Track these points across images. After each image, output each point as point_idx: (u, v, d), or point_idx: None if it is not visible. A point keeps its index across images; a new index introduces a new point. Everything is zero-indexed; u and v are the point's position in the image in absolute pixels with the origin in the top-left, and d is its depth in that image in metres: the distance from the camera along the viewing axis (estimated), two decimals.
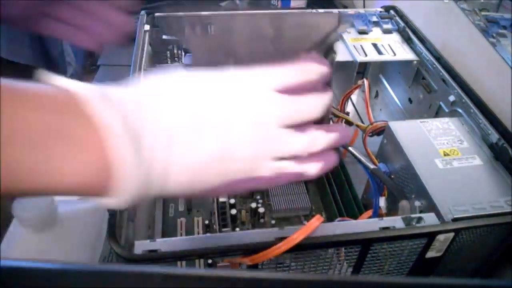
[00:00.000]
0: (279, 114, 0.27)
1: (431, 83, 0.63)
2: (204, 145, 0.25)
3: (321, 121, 0.29)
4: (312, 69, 0.28)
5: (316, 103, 0.28)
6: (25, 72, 0.90)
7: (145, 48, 0.64)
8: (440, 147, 0.51)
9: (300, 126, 0.28)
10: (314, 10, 0.69)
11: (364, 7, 1.01)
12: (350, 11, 0.73)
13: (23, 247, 0.43)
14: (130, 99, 0.24)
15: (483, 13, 0.64)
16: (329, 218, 0.63)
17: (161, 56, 0.70)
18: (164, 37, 0.68)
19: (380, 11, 0.74)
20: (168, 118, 0.24)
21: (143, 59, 0.61)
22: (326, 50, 0.37)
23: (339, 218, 0.58)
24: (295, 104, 0.27)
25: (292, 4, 1.13)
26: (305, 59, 0.28)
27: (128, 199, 0.24)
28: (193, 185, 0.26)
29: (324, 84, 0.30)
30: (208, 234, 0.59)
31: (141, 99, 0.24)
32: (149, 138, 0.23)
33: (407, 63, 0.66)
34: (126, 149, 0.22)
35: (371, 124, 0.59)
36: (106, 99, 0.23)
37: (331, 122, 0.68)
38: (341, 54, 0.64)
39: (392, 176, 0.54)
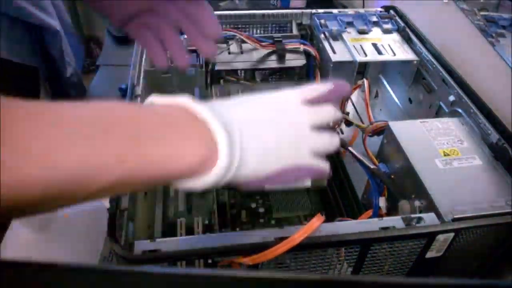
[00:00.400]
0: (307, 120, 0.35)
1: (431, 83, 0.63)
2: (264, 136, 0.33)
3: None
4: (326, 87, 0.36)
5: (330, 111, 0.37)
6: (25, 72, 0.90)
7: (145, 49, 0.64)
8: (440, 147, 0.51)
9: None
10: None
11: (363, 7, 1.01)
12: (349, 11, 0.73)
13: (23, 247, 0.43)
14: (219, 106, 0.32)
15: (482, 13, 0.64)
16: (329, 218, 0.63)
17: None
18: None
19: (380, 11, 0.74)
20: (240, 117, 0.32)
21: (143, 59, 0.61)
22: None
23: (339, 218, 0.58)
24: (317, 112, 0.36)
25: (292, 4, 1.13)
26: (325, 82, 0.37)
27: (214, 180, 0.30)
28: (258, 170, 0.33)
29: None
30: (208, 234, 0.59)
31: (222, 106, 0.33)
32: (233, 131, 0.30)
33: (407, 63, 0.66)
34: (224, 140, 0.29)
35: (371, 124, 0.59)
36: (206, 106, 0.30)
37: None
38: (341, 54, 0.65)
39: (392, 176, 0.54)
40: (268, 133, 0.33)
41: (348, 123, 0.65)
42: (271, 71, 0.71)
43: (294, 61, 0.66)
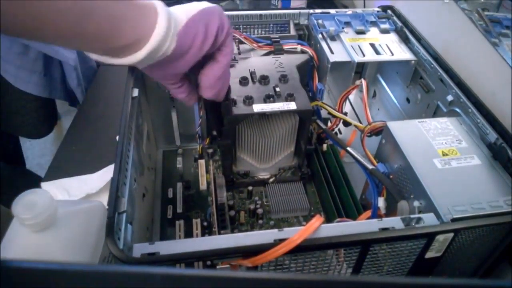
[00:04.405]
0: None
1: (429, 82, 0.63)
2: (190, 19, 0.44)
3: None
4: None
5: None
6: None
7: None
8: (438, 147, 0.51)
9: None
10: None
11: (364, 7, 1.01)
12: (347, 11, 0.73)
13: (23, 247, 0.42)
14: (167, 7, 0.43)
15: (486, 13, 0.65)
16: (328, 219, 0.63)
17: None
18: None
19: (378, 11, 0.74)
20: (174, 12, 0.43)
21: None
22: None
23: (338, 219, 0.58)
24: None
25: (292, 4, 1.13)
26: None
27: (155, 46, 0.40)
28: (183, 43, 0.43)
29: None
30: (207, 236, 0.59)
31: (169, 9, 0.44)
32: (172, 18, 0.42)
33: (405, 63, 0.66)
34: (166, 21, 0.41)
35: (369, 124, 0.59)
36: (160, 2, 0.42)
37: (329, 123, 0.68)
38: (339, 54, 0.64)
39: (391, 176, 0.54)
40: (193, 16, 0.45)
41: (346, 123, 0.64)
42: None
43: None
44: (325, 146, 0.69)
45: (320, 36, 0.68)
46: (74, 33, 0.37)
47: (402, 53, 0.65)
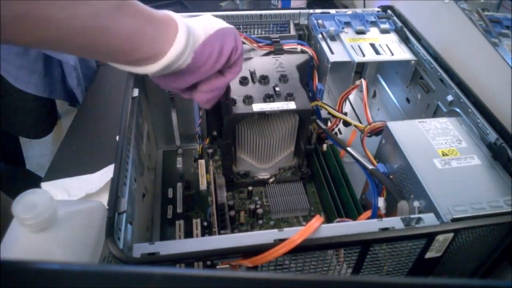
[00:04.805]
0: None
1: (429, 82, 0.63)
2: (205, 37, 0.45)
3: None
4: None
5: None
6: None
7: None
8: (438, 147, 0.51)
9: None
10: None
11: (364, 7, 1.01)
12: (348, 11, 0.73)
13: (23, 247, 0.42)
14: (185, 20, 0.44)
15: (486, 13, 0.65)
16: (328, 219, 0.63)
17: None
18: None
19: (378, 11, 0.74)
20: (193, 28, 0.44)
21: None
22: None
23: (338, 219, 0.58)
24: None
25: (292, 4, 1.13)
26: None
27: (171, 61, 0.41)
28: (197, 60, 0.44)
29: None
30: (207, 236, 0.59)
31: (187, 20, 0.44)
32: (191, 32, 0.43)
33: (405, 63, 0.66)
34: (185, 38, 0.41)
35: (369, 124, 0.59)
36: (181, 18, 0.43)
37: (329, 123, 0.68)
38: (339, 54, 0.64)
39: (391, 177, 0.54)
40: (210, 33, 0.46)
41: (346, 123, 0.65)
42: None
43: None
44: (325, 146, 0.69)
45: (320, 36, 0.68)
46: (93, 49, 0.37)
47: (402, 53, 0.65)
